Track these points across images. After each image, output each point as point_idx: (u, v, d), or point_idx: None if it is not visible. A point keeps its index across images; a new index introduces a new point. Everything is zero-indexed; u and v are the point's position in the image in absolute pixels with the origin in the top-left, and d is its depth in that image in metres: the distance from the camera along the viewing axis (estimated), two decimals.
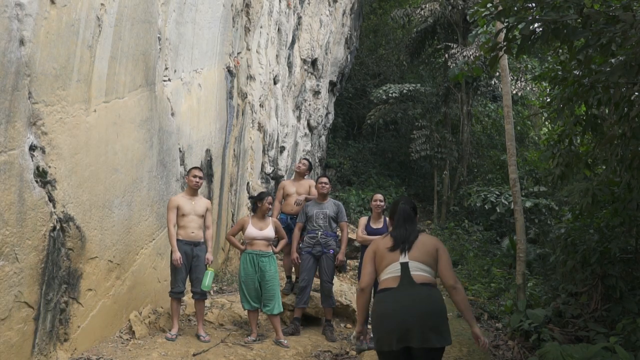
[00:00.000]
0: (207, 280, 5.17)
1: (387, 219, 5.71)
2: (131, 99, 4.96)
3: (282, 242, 5.85)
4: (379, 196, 5.80)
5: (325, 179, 6.17)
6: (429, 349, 2.79)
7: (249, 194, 9.50)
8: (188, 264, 5.18)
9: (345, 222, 6.20)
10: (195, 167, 5.47)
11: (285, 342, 5.37)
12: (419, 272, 2.96)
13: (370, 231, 5.61)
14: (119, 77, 4.70)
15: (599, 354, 4.05)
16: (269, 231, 5.52)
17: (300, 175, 6.65)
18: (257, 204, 5.53)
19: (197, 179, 5.30)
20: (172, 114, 5.91)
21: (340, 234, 6.14)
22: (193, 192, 5.31)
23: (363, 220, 5.82)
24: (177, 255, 5.00)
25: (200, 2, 6.39)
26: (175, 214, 5.13)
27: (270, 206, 5.59)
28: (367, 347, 5.41)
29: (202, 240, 5.32)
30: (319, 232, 5.93)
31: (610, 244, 5.30)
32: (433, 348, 2.80)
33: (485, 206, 11.09)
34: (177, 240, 5.14)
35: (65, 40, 3.88)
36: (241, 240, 5.90)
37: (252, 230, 5.47)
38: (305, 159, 6.94)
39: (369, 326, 5.75)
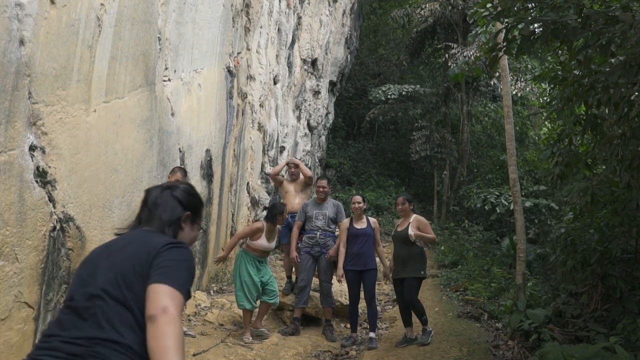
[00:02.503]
0: None
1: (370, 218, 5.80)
2: (131, 99, 4.96)
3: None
4: (358, 198, 5.82)
5: (324, 183, 6.13)
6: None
7: (249, 194, 9.51)
8: None
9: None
10: (181, 169, 5.31)
11: (266, 331, 5.59)
12: None
13: (354, 232, 5.65)
14: (119, 77, 4.70)
15: (599, 354, 4.05)
16: (274, 244, 5.75)
17: (294, 178, 6.82)
18: (277, 217, 5.56)
19: None
20: (172, 114, 5.91)
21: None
22: None
23: (345, 223, 5.83)
24: None
25: (200, 2, 6.39)
26: None
27: (287, 215, 5.78)
28: (352, 343, 5.53)
29: None
30: (318, 233, 5.94)
31: (611, 244, 5.30)
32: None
33: (486, 207, 11.09)
34: None
35: (65, 40, 3.88)
36: (242, 243, 5.93)
37: (264, 242, 5.54)
38: (292, 163, 6.96)
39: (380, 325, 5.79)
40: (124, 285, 1.54)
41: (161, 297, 1.47)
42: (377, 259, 5.91)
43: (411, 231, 5.31)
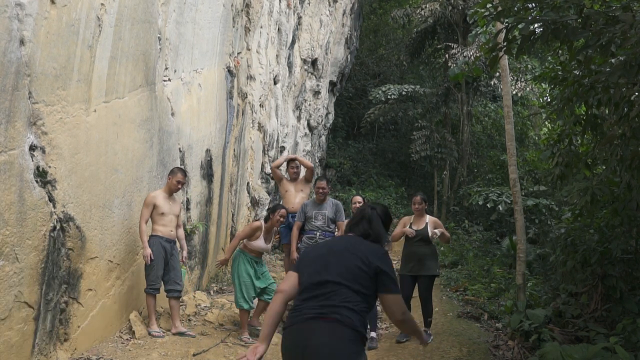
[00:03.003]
0: (184, 278, 5.25)
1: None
2: (131, 99, 4.96)
3: None
4: (359, 198, 5.83)
5: (323, 184, 6.10)
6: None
7: (250, 194, 9.51)
8: (165, 261, 5.13)
9: (343, 221, 6.17)
10: (182, 171, 5.31)
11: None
12: None
13: None
14: (119, 77, 4.70)
15: (599, 354, 4.06)
16: (270, 244, 5.75)
17: (295, 177, 6.75)
18: (270, 216, 5.58)
19: (180, 185, 5.26)
20: (172, 114, 5.91)
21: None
22: (171, 193, 5.27)
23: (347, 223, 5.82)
24: (148, 251, 4.92)
25: (200, 2, 6.39)
26: (150, 211, 5.06)
27: (281, 219, 5.61)
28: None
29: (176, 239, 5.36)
30: (317, 233, 5.94)
31: (611, 244, 5.30)
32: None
33: (487, 205, 11.08)
34: (157, 236, 5.08)
35: (65, 40, 3.88)
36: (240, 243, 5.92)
37: (261, 243, 5.55)
38: (293, 161, 6.88)
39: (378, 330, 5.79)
40: (351, 276, 2.35)
41: (399, 305, 2.42)
42: None
43: (433, 230, 5.49)
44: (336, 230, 6.13)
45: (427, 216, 5.66)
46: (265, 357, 5.10)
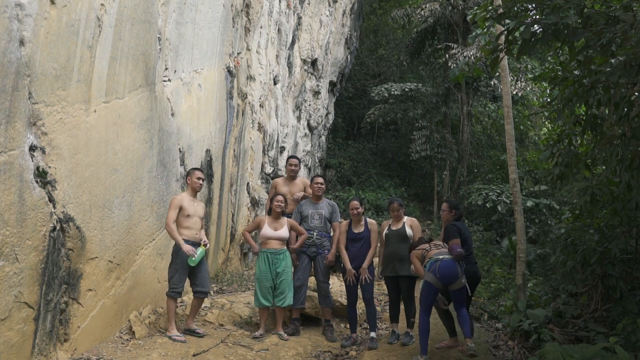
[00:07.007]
0: (199, 255, 5.15)
1: (368, 220, 5.80)
2: (131, 99, 4.96)
3: (302, 238, 5.88)
4: (356, 203, 5.80)
5: (320, 180, 6.11)
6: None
7: (249, 194, 9.51)
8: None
9: (339, 222, 6.13)
10: (198, 169, 5.49)
11: (285, 335, 5.56)
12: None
13: (352, 236, 5.70)
14: (119, 77, 4.70)
15: (599, 354, 4.05)
16: (284, 231, 5.71)
17: (293, 175, 6.56)
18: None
19: (201, 181, 5.37)
20: (172, 114, 5.91)
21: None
22: (194, 193, 5.36)
23: (344, 226, 5.81)
24: (187, 247, 5.01)
25: (200, 2, 6.39)
26: (177, 213, 5.13)
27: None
28: (351, 343, 5.54)
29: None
30: (314, 233, 5.93)
31: (610, 244, 5.30)
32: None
33: (487, 205, 11.07)
34: (183, 239, 5.15)
35: (65, 40, 3.88)
36: (258, 241, 5.94)
37: (267, 230, 5.66)
38: (293, 157, 6.74)
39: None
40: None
41: None
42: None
43: (408, 229, 5.56)
44: (331, 230, 6.10)
45: (405, 217, 5.72)
46: (265, 357, 5.12)
